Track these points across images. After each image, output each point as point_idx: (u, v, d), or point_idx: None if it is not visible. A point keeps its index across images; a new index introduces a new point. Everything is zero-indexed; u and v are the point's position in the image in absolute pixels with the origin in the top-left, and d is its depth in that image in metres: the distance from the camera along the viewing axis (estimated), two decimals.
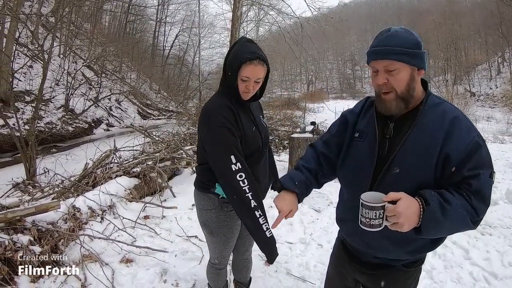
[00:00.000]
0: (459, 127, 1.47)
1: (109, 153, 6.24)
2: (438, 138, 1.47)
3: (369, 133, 1.67)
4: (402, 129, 1.56)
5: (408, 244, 1.60)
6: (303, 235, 4.52)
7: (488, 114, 33.35)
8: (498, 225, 5.02)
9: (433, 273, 3.69)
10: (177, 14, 40.96)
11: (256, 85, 2.13)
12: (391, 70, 1.50)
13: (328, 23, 17.71)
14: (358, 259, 1.82)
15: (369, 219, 1.37)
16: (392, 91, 1.53)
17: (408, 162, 1.50)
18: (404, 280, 1.76)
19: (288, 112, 18.46)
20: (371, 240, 1.64)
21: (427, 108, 1.54)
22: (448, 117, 1.50)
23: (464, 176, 1.42)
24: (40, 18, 14.39)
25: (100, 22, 30.15)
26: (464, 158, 1.43)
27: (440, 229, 1.41)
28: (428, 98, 1.57)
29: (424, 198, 1.39)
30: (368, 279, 1.82)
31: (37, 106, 8.67)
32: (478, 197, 1.42)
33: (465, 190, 1.42)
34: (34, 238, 3.35)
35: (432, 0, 75.97)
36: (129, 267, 3.62)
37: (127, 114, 21.59)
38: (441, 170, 1.47)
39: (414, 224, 1.37)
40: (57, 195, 5.04)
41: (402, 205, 1.34)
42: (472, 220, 1.42)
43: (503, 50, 48.36)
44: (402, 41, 1.50)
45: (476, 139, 1.45)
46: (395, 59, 1.48)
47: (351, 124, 1.79)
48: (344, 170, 1.78)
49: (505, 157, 10.49)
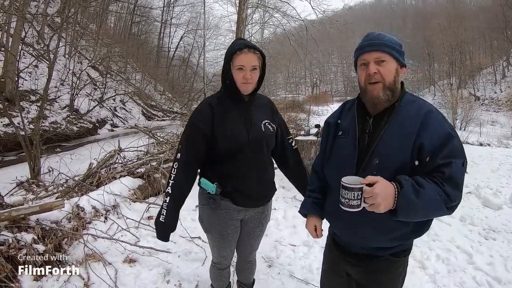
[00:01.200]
0: (433, 120, 1.63)
1: (113, 153, 6.25)
2: (413, 130, 1.61)
3: (350, 130, 1.82)
4: (380, 124, 1.71)
5: (391, 231, 1.70)
6: (306, 238, 4.51)
7: (492, 119, 33.35)
8: (502, 230, 5.01)
9: (436, 277, 3.68)
10: (183, 16, 41.11)
11: (253, 73, 2.18)
12: (382, 61, 1.68)
13: (333, 26, 17.71)
14: (347, 251, 1.92)
15: (348, 199, 1.51)
16: (380, 82, 1.68)
17: (386, 153, 1.65)
18: (393, 269, 1.84)
19: (293, 114, 18.45)
20: (358, 229, 1.76)
21: (403, 105, 1.70)
22: (422, 111, 1.65)
23: (438, 164, 1.56)
24: (46, 18, 14.49)
25: (105, 23, 30.25)
26: (437, 148, 1.57)
27: (414, 211, 1.53)
28: (404, 96, 1.74)
29: (399, 182, 1.53)
30: (358, 270, 1.91)
31: (42, 106, 8.72)
32: (450, 184, 1.54)
33: (438, 177, 1.55)
34: (38, 237, 3.36)
35: (437, 4, 75.89)
36: (132, 267, 3.63)
37: (131, 114, 21.67)
38: (416, 159, 1.61)
39: (390, 206, 1.50)
40: (61, 194, 5.05)
41: (379, 187, 1.48)
42: (446, 205, 1.54)
43: (508, 54, 48.17)
44: (391, 39, 1.73)
45: (448, 130, 1.60)
46: (386, 51, 1.68)
47: (333, 125, 1.96)
48: (330, 166, 1.92)
49: (509, 162, 10.48)
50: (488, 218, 5.46)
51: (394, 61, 1.70)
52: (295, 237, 4.57)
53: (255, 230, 2.57)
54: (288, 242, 4.42)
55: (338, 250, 1.98)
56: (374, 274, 1.85)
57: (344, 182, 1.52)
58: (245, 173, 2.29)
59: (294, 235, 4.63)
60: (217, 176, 2.29)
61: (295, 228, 4.80)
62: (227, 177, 2.28)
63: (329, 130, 1.98)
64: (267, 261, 3.93)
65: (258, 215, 2.52)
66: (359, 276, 1.91)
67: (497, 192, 6.71)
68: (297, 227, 4.82)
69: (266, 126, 2.35)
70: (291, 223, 4.94)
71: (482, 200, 6.16)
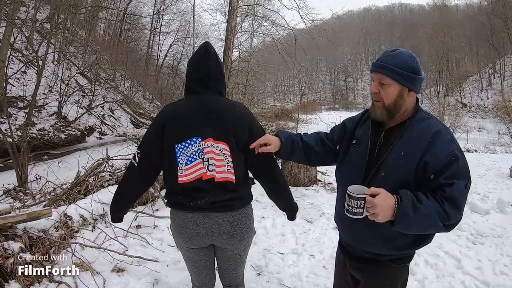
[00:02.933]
0: (440, 139, 1.68)
1: (101, 162, 6.21)
2: (420, 147, 1.67)
3: (363, 140, 1.89)
4: (390, 138, 1.79)
5: (391, 241, 1.78)
6: (295, 246, 4.53)
7: (479, 125, 33.83)
8: (489, 234, 5.09)
9: (425, 283, 3.73)
10: (172, 24, 41.04)
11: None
12: (383, 83, 1.75)
13: (321, 35, 17.86)
14: (351, 254, 2.02)
15: (352, 207, 1.63)
16: (380, 101, 1.77)
17: (392, 167, 1.72)
18: (393, 275, 1.91)
19: (281, 123, 18.56)
20: (359, 234, 1.87)
21: (414, 122, 1.76)
22: (432, 130, 1.70)
23: (440, 183, 1.62)
24: (36, 24, 14.36)
25: (95, 30, 30.11)
26: (441, 167, 1.63)
27: (410, 224, 1.61)
28: (417, 113, 1.79)
29: (400, 196, 1.61)
30: (361, 273, 1.99)
31: (30, 112, 8.67)
32: (450, 203, 1.60)
33: (439, 195, 1.61)
34: (25, 246, 3.34)
35: (424, 13, 77.05)
36: (121, 276, 3.61)
37: (120, 122, 21.52)
38: (421, 175, 1.67)
39: (389, 217, 1.59)
40: (49, 202, 5.01)
41: (379, 198, 1.58)
42: (444, 223, 1.61)
43: (494, 62, 48.98)
44: (399, 62, 1.72)
45: (455, 152, 1.65)
46: (388, 75, 1.72)
47: (349, 131, 2.04)
48: (341, 171, 2.03)
49: (496, 167, 10.65)
50: (476, 223, 5.53)
51: (398, 85, 1.74)
52: (284, 245, 4.59)
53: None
54: (277, 250, 4.43)
55: (344, 252, 2.10)
56: (375, 278, 1.93)
57: (350, 191, 1.64)
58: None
59: (283, 243, 4.65)
60: None
61: (283, 236, 4.82)
62: None
63: (345, 133, 2.07)
64: (256, 270, 3.94)
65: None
66: (361, 279, 1.99)
67: (484, 198, 6.81)
68: (286, 235, 4.84)
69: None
70: (280, 231, 4.96)
71: (470, 206, 6.23)
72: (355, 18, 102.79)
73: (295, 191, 6.65)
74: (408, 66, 1.72)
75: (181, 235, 2.23)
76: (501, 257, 4.37)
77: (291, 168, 7.16)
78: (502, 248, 4.64)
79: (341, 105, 70.49)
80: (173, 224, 2.28)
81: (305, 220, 5.39)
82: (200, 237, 2.20)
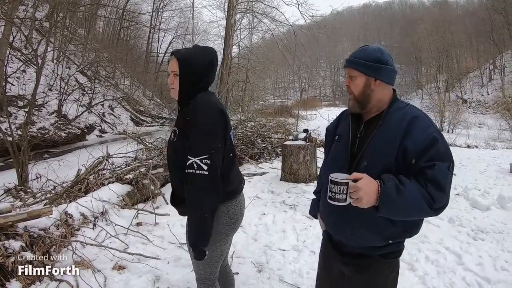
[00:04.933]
0: (418, 124, 1.73)
1: (101, 160, 6.22)
2: (399, 134, 1.72)
3: (344, 134, 1.97)
4: (369, 129, 1.86)
5: (382, 231, 1.80)
6: (296, 242, 4.52)
7: (480, 121, 33.80)
8: (490, 230, 5.06)
9: (426, 279, 3.71)
10: (171, 21, 41.06)
11: (174, 78, 2.20)
12: (352, 76, 1.87)
13: (321, 31, 17.87)
14: (341, 251, 2.01)
15: (335, 193, 1.63)
16: (352, 93, 1.88)
17: (374, 156, 1.78)
18: (383, 270, 1.93)
19: (281, 119, 18.48)
20: (350, 228, 1.86)
21: (391, 111, 1.83)
22: (409, 116, 1.76)
23: (421, 166, 1.66)
24: (35, 22, 14.37)
25: (94, 28, 30.07)
26: (421, 150, 1.67)
27: (393, 208, 1.64)
28: (394, 103, 1.87)
29: (382, 180, 1.64)
30: (350, 269, 1.98)
31: (29, 111, 8.67)
32: (433, 185, 1.63)
33: (422, 178, 1.65)
34: (26, 244, 3.34)
35: (424, 9, 76.72)
36: (122, 274, 3.61)
37: (120, 120, 21.56)
38: (401, 162, 1.71)
39: (373, 201, 1.62)
40: (49, 201, 5.01)
41: (362, 182, 1.60)
42: (430, 206, 1.63)
43: (494, 57, 48.88)
44: (365, 55, 1.85)
45: (434, 134, 1.70)
46: (354, 67, 1.85)
47: (332, 131, 2.14)
48: (326, 166, 2.10)
49: (496, 163, 10.64)
50: (477, 219, 5.51)
51: (363, 76, 1.84)
52: (284, 241, 4.58)
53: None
54: (278, 247, 4.42)
55: (332, 249, 2.08)
56: (365, 273, 1.93)
57: (332, 177, 1.64)
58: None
59: (284, 239, 4.64)
60: None
61: (284, 233, 4.81)
62: None
63: (329, 137, 2.18)
64: (257, 266, 3.93)
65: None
66: (351, 274, 1.98)
67: (485, 193, 6.78)
68: (287, 232, 4.83)
69: (171, 135, 2.28)
70: (280, 228, 4.95)
71: (471, 202, 6.22)
72: (355, 14, 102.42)
73: (296, 188, 6.67)
74: (372, 57, 1.83)
75: (238, 221, 2.34)
76: (502, 253, 4.35)
77: (292, 165, 7.15)
78: (503, 244, 4.62)
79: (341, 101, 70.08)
80: (229, 215, 2.27)
81: (305, 216, 5.38)
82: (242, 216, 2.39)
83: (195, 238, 2.09)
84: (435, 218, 5.42)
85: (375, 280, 1.94)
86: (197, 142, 2.05)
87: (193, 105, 2.14)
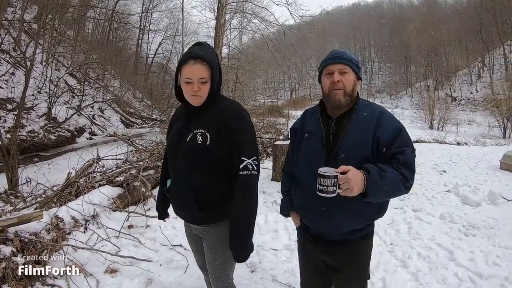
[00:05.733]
0: (385, 118, 1.99)
1: (92, 162, 6.18)
2: (371, 127, 1.95)
3: (316, 131, 2.11)
4: (342, 125, 2.04)
5: (361, 214, 2.01)
6: (288, 242, 4.53)
7: (469, 118, 34.10)
8: (481, 226, 5.12)
9: (419, 275, 3.74)
10: (161, 22, 41.00)
11: (203, 86, 2.06)
12: (344, 72, 2.02)
13: (310, 31, 17.89)
14: (322, 240, 2.16)
15: (326, 186, 1.75)
16: (341, 89, 2.00)
17: (350, 148, 1.96)
18: (363, 250, 2.17)
19: (272, 119, 18.54)
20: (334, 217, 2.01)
21: (359, 108, 2.05)
22: (377, 112, 2.01)
23: (393, 152, 1.90)
24: (23, 24, 14.25)
25: (83, 29, 29.91)
26: (391, 139, 1.91)
27: (380, 192, 1.83)
28: (359, 101, 2.09)
29: (366, 169, 1.82)
30: (334, 256, 2.16)
31: (19, 114, 8.59)
32: (405, 167, 1.87)
33: (395, 163, 1.88)
34: (17, 249, 3.31)
35: (413, 8, 77.26)
36: (114, 277, 3.59)
37: (110, 122, 21.43)
38: (375, 151, 1.94)
39: (361, 189, 1.78)
40: (40, 205, 4.97)
41: (351, 173, 1.75)
42: (404, 185, 1.86)
43: (483, 56, 49.47)
44: (351, 56, 2.10)
45: (399, 126, 1.97)
46: (348, 64, 2.03)
47: (299, 130, 2.27)
48: (300, 164, 2.18)
49: (486, 159, 10.77)
50: (468, 215, 5.57)
51: (353, 74, 2.06)
52: (277, 241, 4.59)
53: (207, 253, 2.33)
54: (270, 246, 4.43)
55: (312, 242, 2.22)
56: (348, 257, 2.13)
57: (321, 171, 1.77)
58: (172, 184, 2.33)
59: (276, 239, 4.65)
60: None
61: (276, 233, 4.81)
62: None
63: (295, 134, 2.31)
64: (250, 267, 3.93)
65: (208, 237, 2.29)
66: (336, 262, 2.17)
67: (475, 190, 6.85)
68: (279, 232, 4.84)
69: (193, 136, 2.14)
70: (272, 228, 4.96)
71: (461, 198, 6.30)
72: (344, 13, 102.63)
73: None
74: (356, 59, 2.10)
75: None
76: (493, 248, 4.41)
77: (283, 164, 7.16)
78: (494, 239, 4.68)
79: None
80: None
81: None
82: None
83: (250, 237, 2.19)
84: (426, 214, 5.55)
85: (359, 261, 2.17)
86: (250, 144, 2.13)
87: (227, 106, 2.19)
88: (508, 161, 8.97)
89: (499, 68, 47.17)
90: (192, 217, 2.30)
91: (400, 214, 5.64)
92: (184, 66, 2.03)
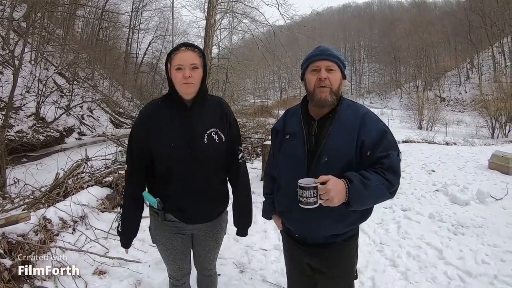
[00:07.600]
0: (369, 119, 1.92)
1: (80, 163, 6.13)
2: (355, 129, 1.88)
3: (297, 133, 2.03)
4: (324, 126, 1.95)
5: (345, 219, 1.95)
6: (277, 242, 4.53)
7: (458, 118, 34.50)
8: (470, 225, 5.18)
9: (408, 274, 3.78)
10: (151, 21, 40.84)
11: (194, 72, 2.02)
12: (331, 69, 1.93)
13: (301, 31, 17.94)
14: (305, 244, 2.10)
15: (306, 197, 1.73)
16: (328, 87, 1.91)
17: (333, 151, 1.88)
18: (347, 252, 2.10)
19: (261, 119, 18.50)
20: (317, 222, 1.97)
21: (343, 109, 1.97)
22: (360, 112, 1.94)
23: (378, 156, 1.83)
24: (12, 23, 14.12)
25: (72, 28, 29.73)
26: (375, 143, 1.85)
27: (363, 201, 1.79)
28: (343, 101, 2.00)
29: (348, 178, 1.76)
30: (318, 259, 2.11)
31: (7, 114, 8.50)
32: (390, 172, 1.81)
33: (379, 168, 1.81)
34: (4, 251, 3.28)
35: (403, 9, 77.88)
36: (102, 279, 3.57)
37: (99, 122, 21.31)
38: (359, 154, 1.87)
39: (343, 199, 1.74)
40: (28, 206, 4.92)
41: (331, 183, 1.71)
42: (389, 190, 1.81)
43: (471, 57, 50.02)
44: (339, 53, 1.99)
45: (383, 127, 1.90)
46: (335, 62, 1.94)
47: (280, 131, 2.17)
48: (281, 167, 2.13)
49: (475, 159, 10.89)
50: (456, 214, 5.63)
51: (339, 72, 1.97)
52: (266, 241, 4.60)
53: (209, 244, 2.42)
54: (259, 246, 4.43)
55: (296, 245, 2.17)
56: (332, 260, 2.07)
57: (301, 183, 1.74)
58: (185, 192, 2.14)
59: (265, 239, 4.66)
60: (158, 193, 2.19)
61: (266, 233, 4.82)
62: (167, 196, 2.17)
63: (277, 136, 2.20)
64: (239, 267, 3.93)
65: (211, 229, 2.36)
66: (320, 265, 2.11)
67: (464, 189, 6.93)
68: (268, 232, 4.84)
69: (210, 137, 2.13)
70: (261, 228, 4.95)
71: (450, 197, 6.35)
72: (335, 14, 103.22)
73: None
74: (342, 58, 2.00)
75: None
76: (482, 246, 4.46)
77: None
78: (483, 238, 4.74)
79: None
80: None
81: None
82: None
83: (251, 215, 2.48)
84: (415, 214, 5.60)
85: (343, 263, 2.11)
86: (239, 134, 2.36)
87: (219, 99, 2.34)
88: (496, 161, 9.07)
89: (488, 69, 47.69)
90: (210, 217, 2.33)
91: (389, 213, 5.68)
92: (176, 53, 2.03)
